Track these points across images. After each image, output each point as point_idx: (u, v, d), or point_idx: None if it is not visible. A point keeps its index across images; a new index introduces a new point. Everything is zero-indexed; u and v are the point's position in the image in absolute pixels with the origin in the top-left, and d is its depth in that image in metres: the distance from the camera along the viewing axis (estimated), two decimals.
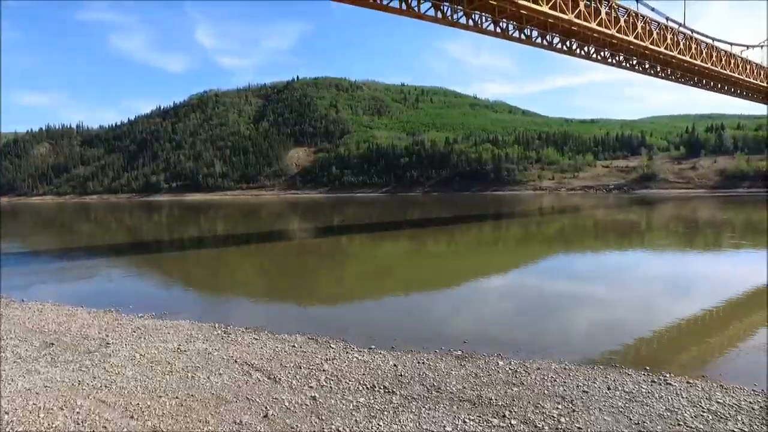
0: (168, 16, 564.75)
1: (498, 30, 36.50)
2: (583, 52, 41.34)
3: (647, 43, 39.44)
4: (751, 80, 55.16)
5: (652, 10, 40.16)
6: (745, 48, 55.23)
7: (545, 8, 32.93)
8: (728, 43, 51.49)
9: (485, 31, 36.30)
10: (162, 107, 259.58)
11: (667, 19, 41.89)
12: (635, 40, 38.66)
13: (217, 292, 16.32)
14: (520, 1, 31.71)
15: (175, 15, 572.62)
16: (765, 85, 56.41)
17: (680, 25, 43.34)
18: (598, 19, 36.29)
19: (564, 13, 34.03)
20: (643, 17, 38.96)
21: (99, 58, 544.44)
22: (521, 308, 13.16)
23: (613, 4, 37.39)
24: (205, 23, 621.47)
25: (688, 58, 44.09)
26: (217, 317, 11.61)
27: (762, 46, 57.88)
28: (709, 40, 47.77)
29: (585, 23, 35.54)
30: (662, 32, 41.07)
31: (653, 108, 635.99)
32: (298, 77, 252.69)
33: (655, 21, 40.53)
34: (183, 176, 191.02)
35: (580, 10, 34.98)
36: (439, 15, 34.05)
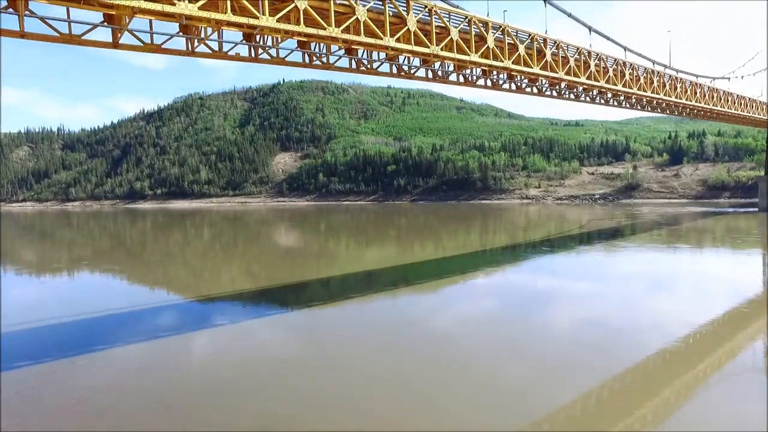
0: None
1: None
2: (572, 96, 41.97)
3: (635, 89, 40.23)
4: (732, 111, 56.98)
5: (640, 55, 40.94)
6: (718, 79, 56.54)
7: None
8: (710, 77, 53.05)
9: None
10: (145, 110, 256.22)
11: (654, 62, 42.77)
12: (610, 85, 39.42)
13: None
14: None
15: None
16: (727, 111, 57.65)
17: (666, 66, 44.28)
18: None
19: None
20: (631, 65, 39.69)
21: (76, 54, 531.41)
22: None
23: (584, 51, 37.61)
24: None
25: (674, 99, 45.07)
26: None
27: (741, 77, 59.69)
28: (693, 78, 48.99)
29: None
30: (649, 76, 41.90)
31: None
32: (284, 80, 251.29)
33: (642, 66, 41.35)
34: (168, 182, 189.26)
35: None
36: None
